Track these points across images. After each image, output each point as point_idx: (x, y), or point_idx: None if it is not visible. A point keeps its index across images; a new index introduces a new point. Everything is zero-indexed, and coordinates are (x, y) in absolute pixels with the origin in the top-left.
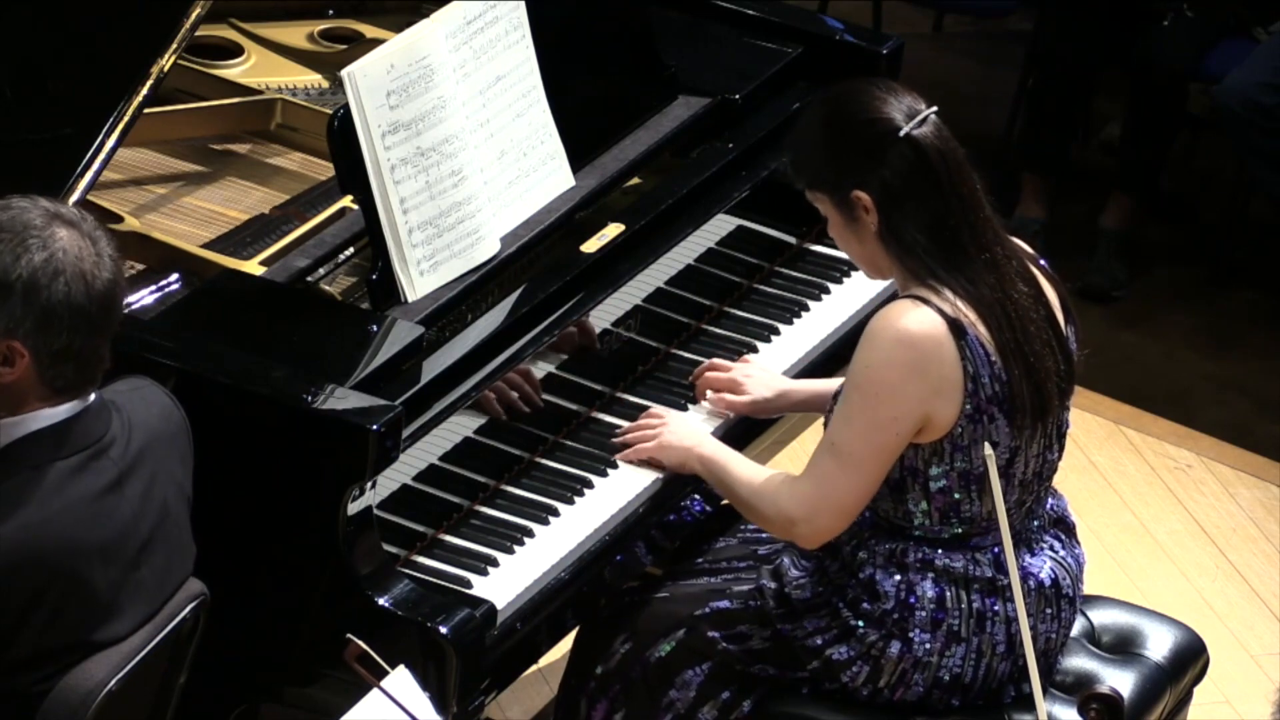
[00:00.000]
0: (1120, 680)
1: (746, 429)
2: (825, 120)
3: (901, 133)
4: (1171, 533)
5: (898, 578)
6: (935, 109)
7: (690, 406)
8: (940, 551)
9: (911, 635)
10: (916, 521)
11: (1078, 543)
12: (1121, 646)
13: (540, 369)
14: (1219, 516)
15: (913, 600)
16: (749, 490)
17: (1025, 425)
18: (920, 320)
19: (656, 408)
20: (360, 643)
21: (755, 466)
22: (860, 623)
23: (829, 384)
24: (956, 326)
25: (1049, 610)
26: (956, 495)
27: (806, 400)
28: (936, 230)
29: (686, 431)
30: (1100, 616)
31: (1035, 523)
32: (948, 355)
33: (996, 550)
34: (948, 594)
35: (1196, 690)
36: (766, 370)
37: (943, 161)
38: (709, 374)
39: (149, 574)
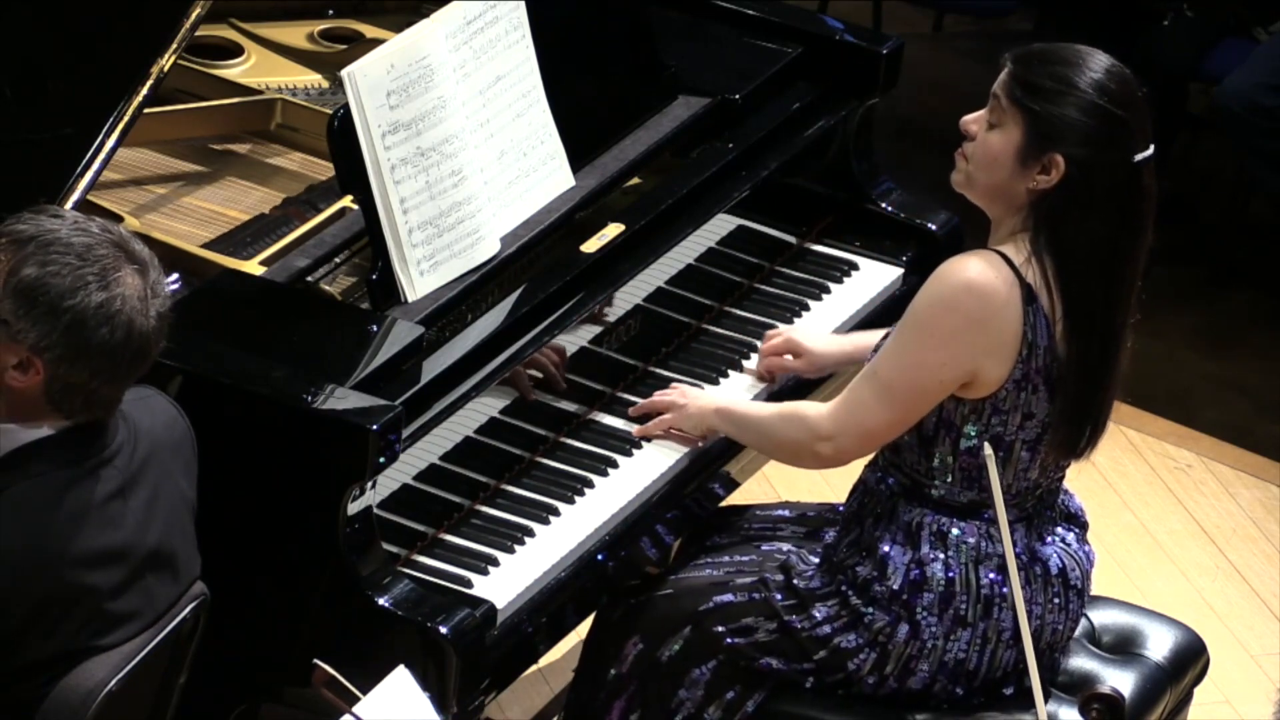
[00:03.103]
0: (1120, 680)
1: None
2: (1098, 84)
3: (1136, 158)
4: (1171, 533)
5: (909, 556)
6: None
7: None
8: (955, 521)
9: (919, 618)
10: (938, 480)
11: (1088, 542)
12: (1122, 646)
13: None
14: (1219, 516)
15: (921, 581)
16: (778, 419)
17: (1063, 447)
18: (994, 273)
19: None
20: (328, 668)
21: (773, 404)
22: (870, 609)
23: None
24: (1029, 291)
25: (1057, 600)
26: (982, 459)
27: (862, 355)
28: (1095, 246)
29: (699, 394)
30: (1100, 616)
31: (1048, 511)
32: (1011, 315)
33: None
34: (957, 578)
35: (1197, 690)
36: (818, 332)
37: (1145, 204)
38: (766, 343)
39: (154, 582)
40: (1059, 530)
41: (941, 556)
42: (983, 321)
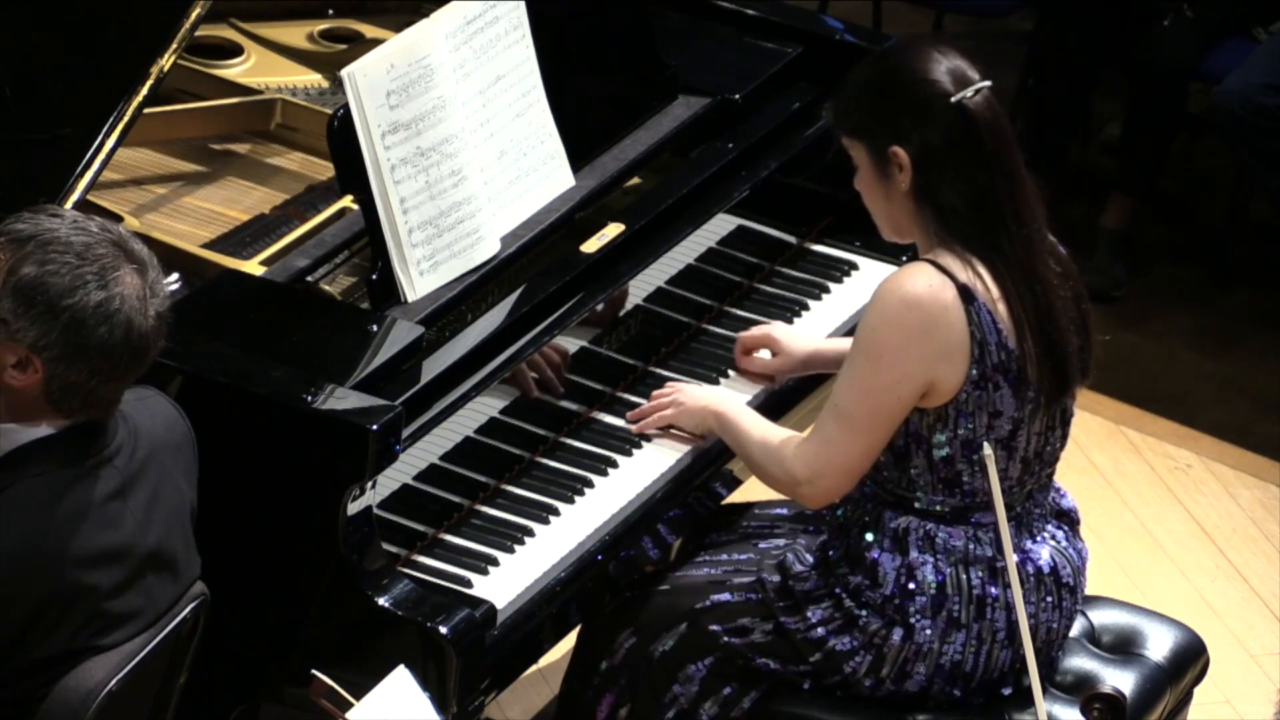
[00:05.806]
0: (1120, 680)
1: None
2: (877, 72)
3: (953, 99)
4: (1171, 533)
5: (899, 561)
6: (989, 83)
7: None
8: (941, 527)
9: (913, 622)
10: (919, 493)
11: (1080, 538)
12: (1122, 646)
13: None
14: (1219, 516)
15: (913, 586)
16: (761, 449)
17: (1031, 400)
18: (928, 283)
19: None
20: (325, 678)
21: (769, 426)
22: (863, 612)
23: None
24: (966, 292)
25: (1049, 598)
26: (959, 466)
27: (838, 358)
28: (977, 201)
29: (702, 392)
30: (1100, 616)
31: (1037, 509)
32: (954, 320)
33: (997, 531)
34: (948, 579)
35: (1196, 690)
36: (798, 331)
37: (991, 134)
38: (743, 334)
39: (154, 582)
40: (1049, 527)
41: (931, 560)
42: (926, 331)
